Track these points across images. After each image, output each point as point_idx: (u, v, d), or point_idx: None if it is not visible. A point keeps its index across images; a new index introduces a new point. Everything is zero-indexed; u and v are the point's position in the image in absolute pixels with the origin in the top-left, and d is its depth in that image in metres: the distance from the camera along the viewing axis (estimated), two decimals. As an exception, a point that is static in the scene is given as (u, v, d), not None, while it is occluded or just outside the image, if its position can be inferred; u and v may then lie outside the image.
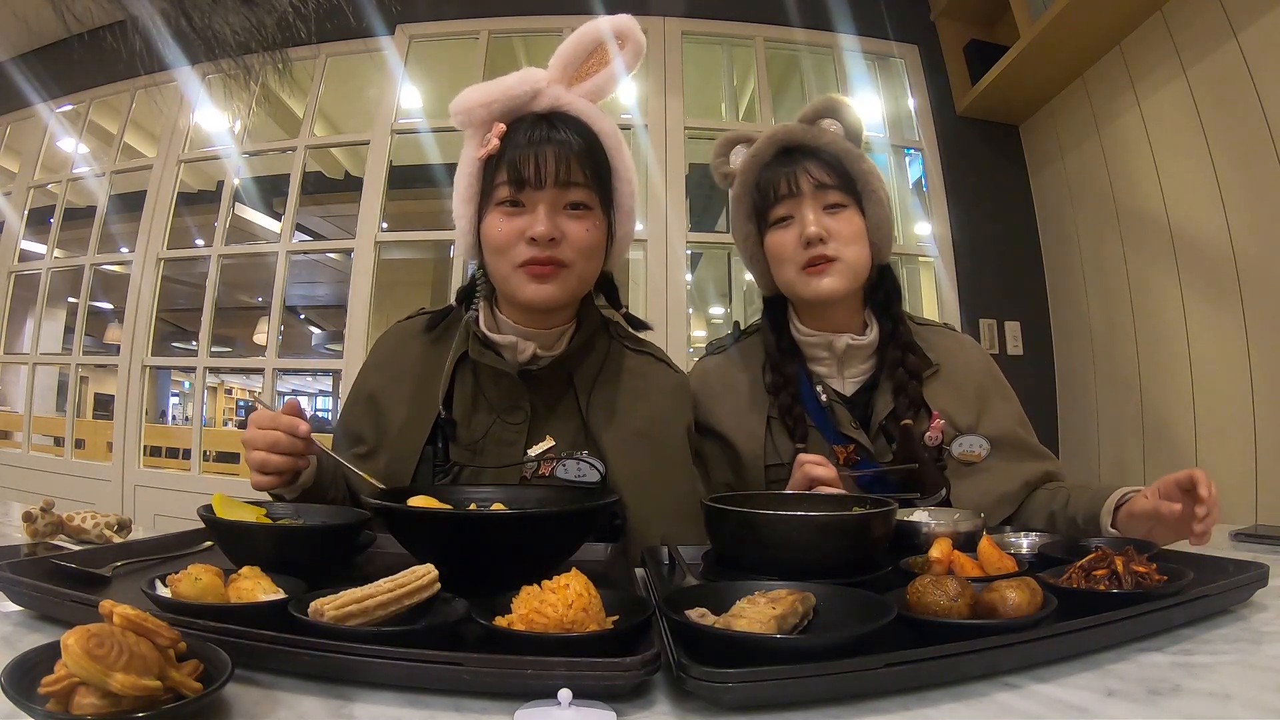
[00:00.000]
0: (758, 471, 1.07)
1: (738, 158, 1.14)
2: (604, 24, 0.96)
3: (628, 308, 1.10)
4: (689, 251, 2.69)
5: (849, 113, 1.11)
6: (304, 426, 0.85)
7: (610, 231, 0.98)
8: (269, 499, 0.88)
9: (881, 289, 1.11)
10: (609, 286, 1.07)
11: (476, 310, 1.01)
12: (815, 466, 0.93)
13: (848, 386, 1.10)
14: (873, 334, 1.09)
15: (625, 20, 0.96)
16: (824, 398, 1.08)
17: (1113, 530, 0.91)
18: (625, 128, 0.93)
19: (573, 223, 0.92)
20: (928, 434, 1.04)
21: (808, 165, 1.05)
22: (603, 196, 0.95)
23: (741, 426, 1.09)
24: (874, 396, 1.08)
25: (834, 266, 1.03)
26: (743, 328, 1.23)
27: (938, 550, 0.72)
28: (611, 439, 0.98)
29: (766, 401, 1.10)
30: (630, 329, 1.09)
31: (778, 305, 1.14)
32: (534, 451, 0.96)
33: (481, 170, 0.94)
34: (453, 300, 1.08)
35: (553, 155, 0.90)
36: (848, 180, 1.06)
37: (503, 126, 0.92)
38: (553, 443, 0.97)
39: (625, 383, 1.03)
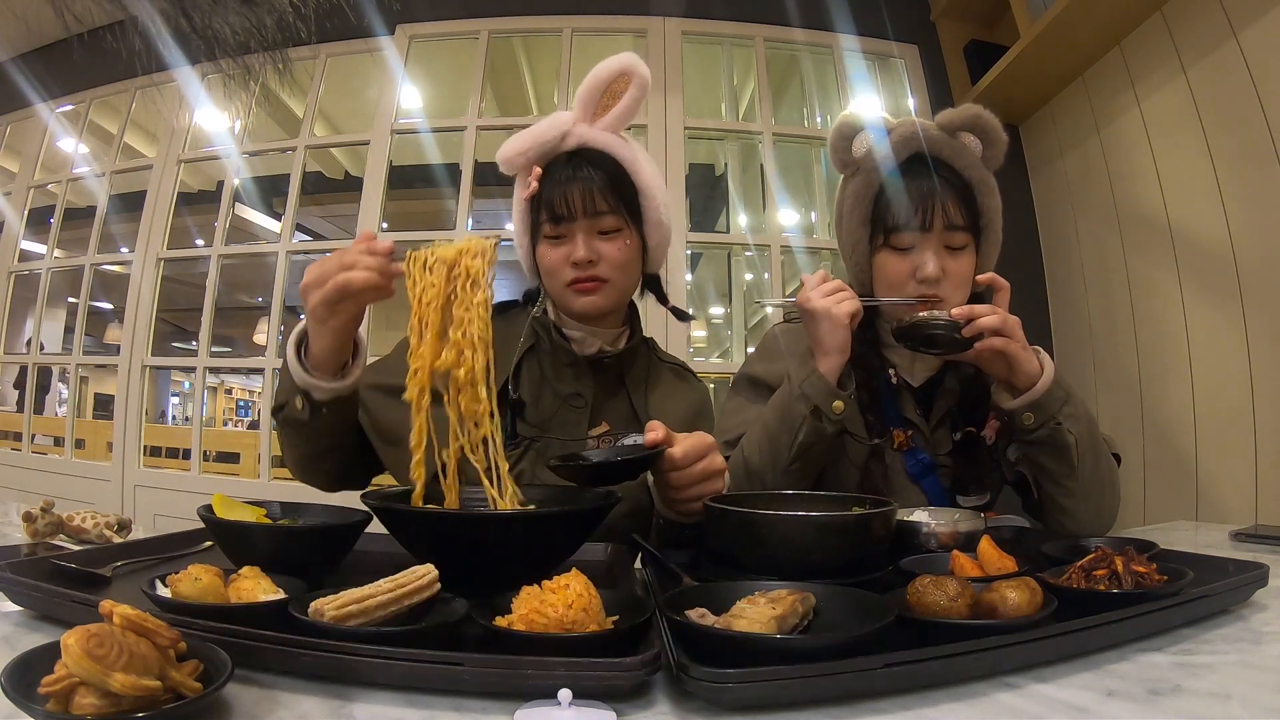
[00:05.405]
0: None
1: (862, 146, 1.10)
2: (612, 63, 1.08)
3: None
4: (689, 251, 2.69)
5: (996, 135, 1.07)
6: (383, 243, 0.80)
7: (644, 243, 1.11)
8: (263, 501, 0.87)
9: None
10: (655, 284, 1.22)
11: (545, 308, 1.13)
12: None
13: (916, 378, 1.13)
14: None
15: (628, 58, 1.08)
16: (895, 380, 1.12)
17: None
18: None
19: (607, 244, 1.06)
20: (984, 433, 1.09)
21: (944, 198, 1.03)
22: (632, 216, 1.07)
23: None
24: (938, 391, 1.13)
25: (936, 306, 1.06)
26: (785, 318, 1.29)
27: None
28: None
29: None
30: (676, 318, 1.32)
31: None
32: (595, 433, 1.09)
33: (529, 207, 1.08)
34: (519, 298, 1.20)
35: (579, 192, 1.03)
36: (974, 216, 1.06)
37: (539, 170, 1.06)
38: (608, 427, 1.10)
39: (665, 386, 1.19)
